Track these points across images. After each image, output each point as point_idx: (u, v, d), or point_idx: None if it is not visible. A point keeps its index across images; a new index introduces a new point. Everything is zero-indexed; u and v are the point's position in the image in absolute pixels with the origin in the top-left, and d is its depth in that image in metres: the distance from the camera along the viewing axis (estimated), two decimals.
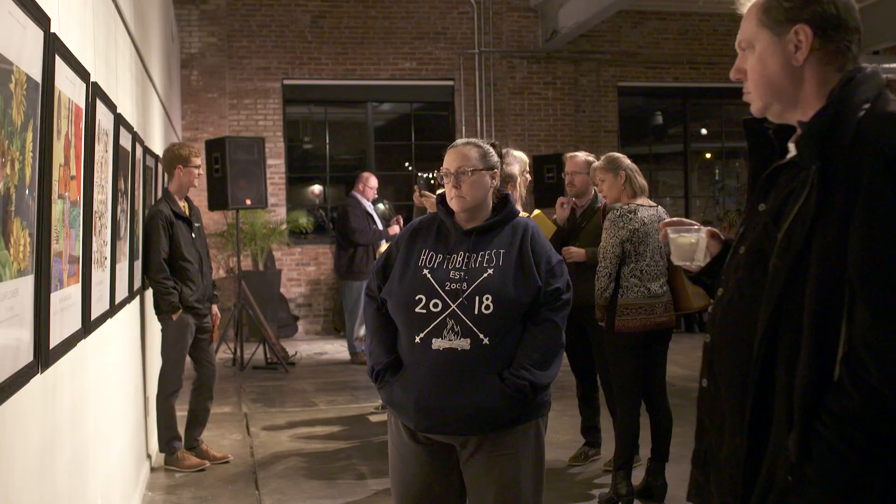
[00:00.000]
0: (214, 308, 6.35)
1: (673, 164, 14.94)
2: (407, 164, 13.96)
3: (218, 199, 9.81)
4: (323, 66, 13.04)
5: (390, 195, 13.70)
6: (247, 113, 12.78)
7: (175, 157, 6.13)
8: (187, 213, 6.14)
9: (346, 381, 9.26)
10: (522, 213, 3.50)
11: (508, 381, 3.00)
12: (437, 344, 3.02)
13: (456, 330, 3.01)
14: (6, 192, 2.09)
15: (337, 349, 11.40)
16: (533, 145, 13.21)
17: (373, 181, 10.68)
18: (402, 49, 13.24)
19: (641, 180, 5.32)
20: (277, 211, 12.63)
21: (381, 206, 13.51)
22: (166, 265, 5.85)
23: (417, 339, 3.06)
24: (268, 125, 12.79)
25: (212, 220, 12.16)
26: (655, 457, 5.31)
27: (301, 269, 12.86)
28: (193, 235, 6.10)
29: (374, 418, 7.54)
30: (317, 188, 14.06)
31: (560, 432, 6.50)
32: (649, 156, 14.54)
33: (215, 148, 9.86)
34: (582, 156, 6.02)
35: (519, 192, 5.44)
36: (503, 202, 3.29)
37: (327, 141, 13.54)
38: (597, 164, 5.47)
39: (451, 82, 13.43)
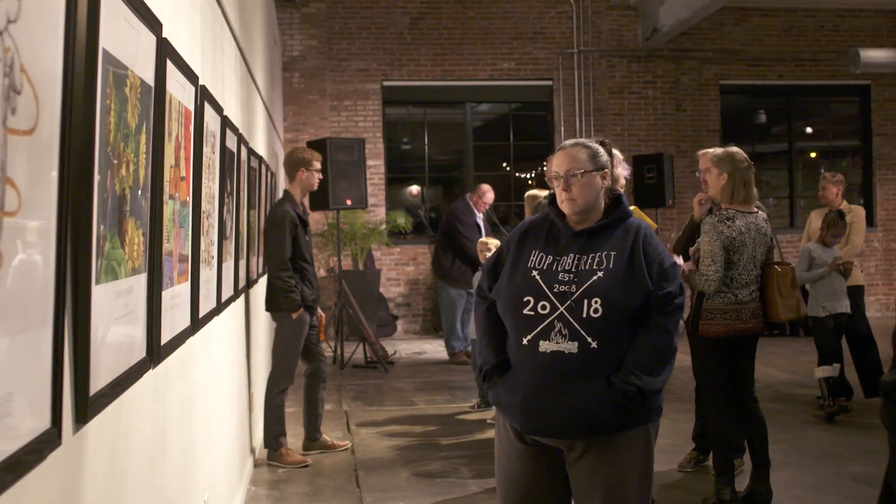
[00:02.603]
0: (318, 308, 6.47)
1: (776, 163, 14.63)
2: (505, 164, 13.95)
3: (319, 200, 9.94)
4: (422, 67, 13.12)
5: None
6: (347, 114, 12.94)
7: (298, 161, 6.35)
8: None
9: (444, 381, 9.31)
10: None
11: (616, 386, 2.93)
12: (545, 346, 2.97)
13: (563, 333, 2.95)
14: (122, 193, 2.15)
15: (435, 349, 11.45)
16: (633, 145, 13.09)
17: (489, 196, 10.54)
18: (501, 49, 13.24)
19: (747, 191, 5.18)
20: (377, 211, 12.75)
21: None
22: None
23: (525, 341, 3.01)
24: (367, 126, 12.93)
25: (312, 220, 12.32)
26: (756, 463, 5.20)
27: (400, 269, 12.97)
28: (308, 238, 6.26)
29: (471, 417, 7.56)
30: (415, 188, 14.15)
31: (661, 436, 6.40)
32: (752, 155, 14.21)
33: (316, 149, 9.89)
34: (714, 151, 5.83)
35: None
36: (615, 203, 3.21)
37: (426, 142, 13.61)
38: (715, 152, 5.39)
39: (549, 82, 13.39)
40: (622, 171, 5.35)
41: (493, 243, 7.68)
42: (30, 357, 1.55)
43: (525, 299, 3.03)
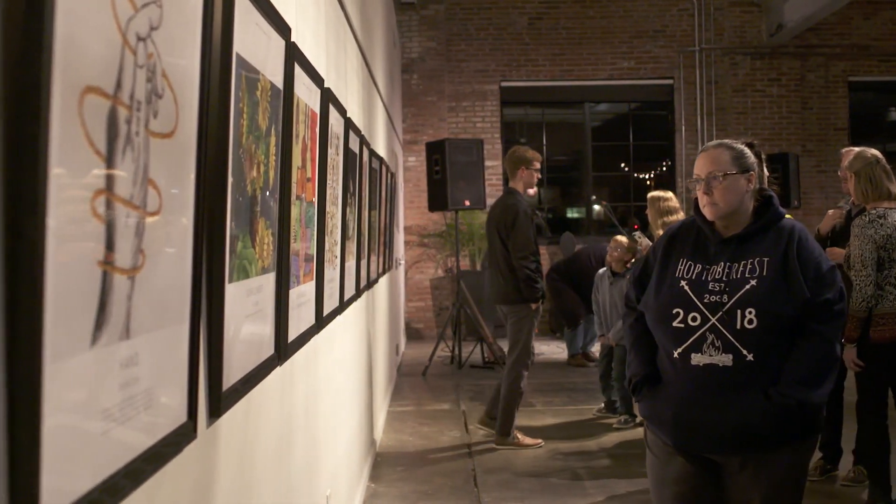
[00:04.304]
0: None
1: None
2: (623, 164, 13.80)
3: (438, 200, 10.00)
4: (540, 68, 13.08)
5: (606, 196, 13.58)
6: (465, 115, 12.99)
7: (520, 159, 6.68)
8: None
9: (562, 383, 9.26)
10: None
11: (775, 399, 2.80)
12: (697, 359, 2.86)
13: (716, 345, 2.83)
14: (253, 194, 2.21)
15: (553, 350, 11.39)
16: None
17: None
18: (620, 48, 13.11)
19: (874, 186, 5.01)
20: None
21: (596, 206, 13.42)
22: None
23: (676, 354, 2.90)
24: (485, 127, 12.95)
25: (431, 221, 12.43)
26: None
27: None
28: None
29: (590, 419, 7.51)
30: (532, 189, 14.08)
31: None
32: (883, 154, 13.76)
33: (435, 150, 10.06)
34: (857, 151, 5.57)
35: None
36: (766, 204, 3.04)
37: (544, 142, 13.55)
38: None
39: (669, 81, 13.18)
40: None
41: (622, 241, 7.62)
42: (168, 353, 1.60)
43: (674, 311, 2.91)
